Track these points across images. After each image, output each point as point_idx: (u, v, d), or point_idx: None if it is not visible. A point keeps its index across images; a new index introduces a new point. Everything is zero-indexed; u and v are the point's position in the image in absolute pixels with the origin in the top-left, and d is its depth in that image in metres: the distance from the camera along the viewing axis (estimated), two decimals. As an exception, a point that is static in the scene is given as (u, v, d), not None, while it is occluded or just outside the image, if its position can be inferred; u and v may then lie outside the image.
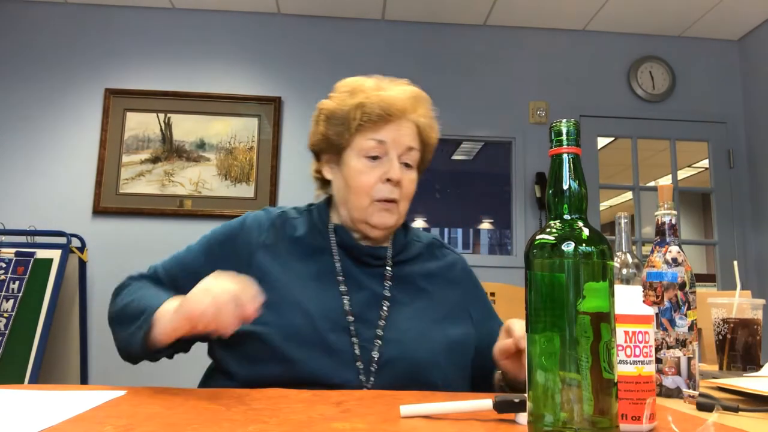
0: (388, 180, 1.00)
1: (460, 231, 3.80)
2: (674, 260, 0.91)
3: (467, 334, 1.04)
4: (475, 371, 1.04)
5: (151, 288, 0.98)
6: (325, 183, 1.12)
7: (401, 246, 1.08)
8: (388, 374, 0.92)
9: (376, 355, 0.93)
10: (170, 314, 0.84)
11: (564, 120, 0.59)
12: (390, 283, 1.03)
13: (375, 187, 1.01)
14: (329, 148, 1.07)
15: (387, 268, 1.05)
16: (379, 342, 0.95)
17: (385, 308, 0.99)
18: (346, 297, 0.99)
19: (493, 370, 1.03)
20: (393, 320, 0.98)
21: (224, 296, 0.78)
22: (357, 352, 0.93)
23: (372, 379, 0.92)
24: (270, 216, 1.07)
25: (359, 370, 0.92)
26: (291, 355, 0.90)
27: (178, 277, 1.01)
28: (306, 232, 1.05)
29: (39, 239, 3.04)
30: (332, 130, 1.05)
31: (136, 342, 0.87)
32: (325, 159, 1.09)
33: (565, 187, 0.57)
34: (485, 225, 3.71)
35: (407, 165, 1.04)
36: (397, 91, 1.04)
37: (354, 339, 0.94)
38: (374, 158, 1.01)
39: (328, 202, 1.12)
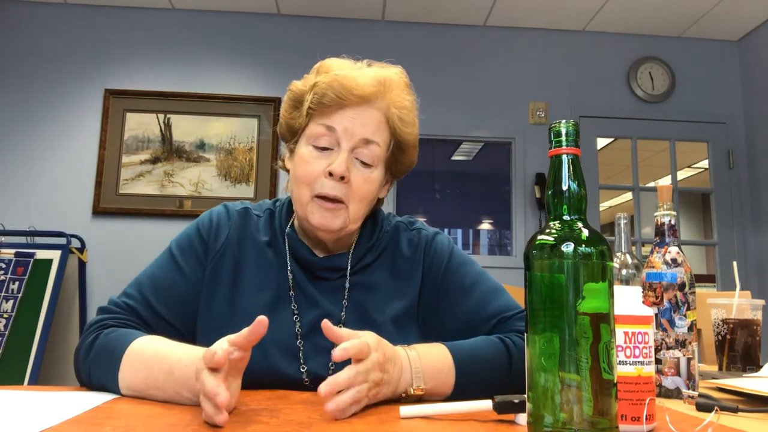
0: (331, 174, 0.87)
1: (459, 231, 3.79)
2: (674, 261, 0.91)
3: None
4: None
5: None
6: None
7: (363, 251, 0.96)
8: None
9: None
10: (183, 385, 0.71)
11: (563, 121, 0.59)
12: (346, 301, 0.92)
13: (317, 180, 0.88)
14: (290, 134, 0.96)
15: (347, 279, 0.93)
16: (331, 369, 0.86)
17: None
18: (297, 317, 0.90)
19: None
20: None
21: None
22: (305, 378, 0.86)
23: None
24: (231, 214, 0.97)
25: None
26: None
27: (159, 301, 0.89)
28: (265, 238, 0.96)
29: (39, 240, 3.04)
30: (291, 114, 0.95)
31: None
32: (288, 147, 0.98)
33: (565, 187, 0.58)
34: (485, 225, 3.71)
35: (364, 163, 0.90)
36: (361, 73, 0.91)
37: (302, 367, 0.86)
38: (323, 149, 0.89)
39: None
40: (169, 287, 0.90)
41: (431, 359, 0.79)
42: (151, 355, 0.76)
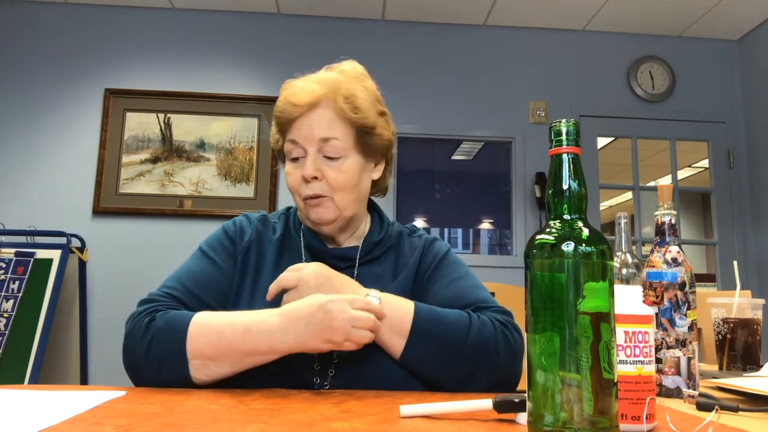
0: (306, 179, 0.99)
1: (460, 231, 3.79)
2: (674, 260, 0.91)
3: None
4: None
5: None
6: None
7: (372, 245, 1.06)
8: (342, 381, 0.90)
9: (334, 361, 0.91)
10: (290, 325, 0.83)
11: (563, 120, 0.59)
12: None
13: (300, 186, 1.00)
14: (280, 155, 1.09)
15: (355, 268, 1.03)
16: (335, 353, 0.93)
17: None
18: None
19: None
20: None
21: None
22: (315, 358, 0.92)
23: (326, 384, 0.91)
24: (251, 220, 1.09)
25: (315, 372, 0.91)
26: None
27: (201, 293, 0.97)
28: (281, 235, 1.06)
29: (39, 239, 3.04)
30: (273, 137, 1.10)
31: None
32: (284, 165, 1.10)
33: (565, 187, 0.57)
34: (485, 225, 3.70)
35: (332, 158, 0.99)
36: (301, 85, 1.01)
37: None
38: (297, 159, 1.01)
39: None
40: (208, 279, 0.98)
41: (393, 297, 0.92)
42: (219, 323, 0.86)
